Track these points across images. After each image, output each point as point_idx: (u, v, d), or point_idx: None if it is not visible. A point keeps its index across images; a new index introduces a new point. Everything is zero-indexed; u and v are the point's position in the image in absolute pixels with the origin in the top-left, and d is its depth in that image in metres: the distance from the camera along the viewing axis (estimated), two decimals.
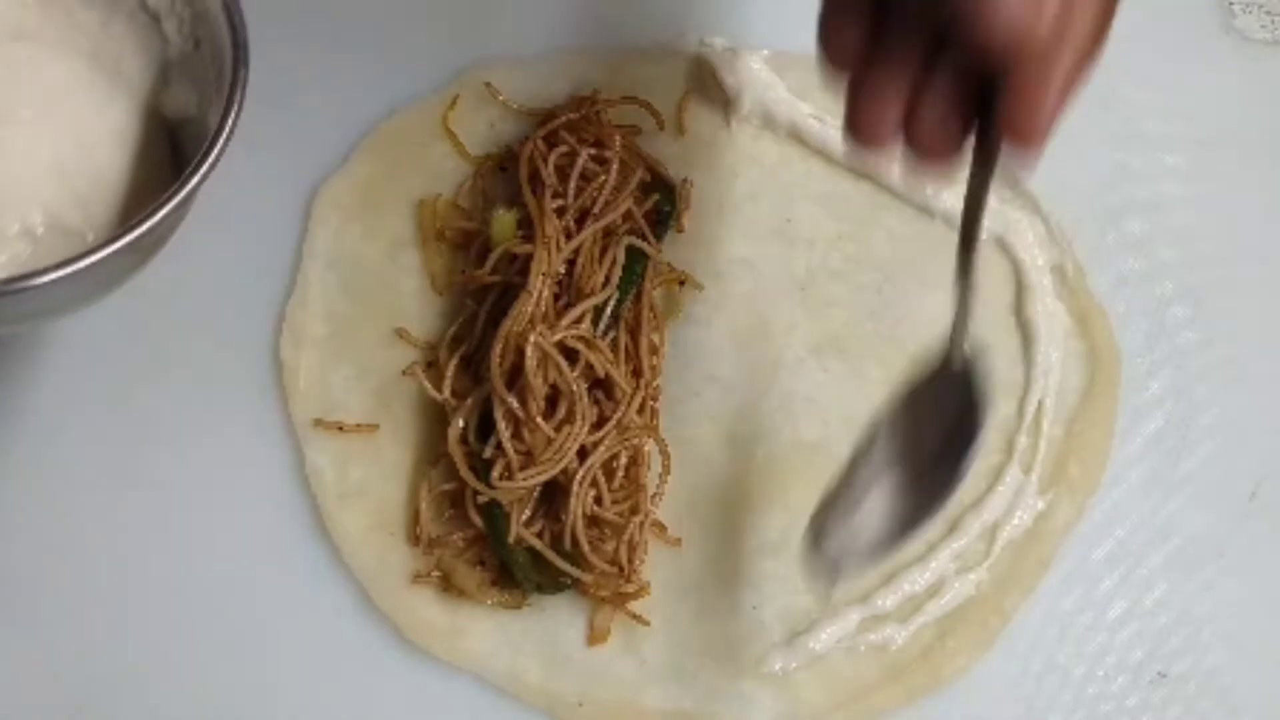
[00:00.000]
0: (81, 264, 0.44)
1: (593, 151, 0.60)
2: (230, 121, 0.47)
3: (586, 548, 0.56)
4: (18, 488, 0.57)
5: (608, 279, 0.58)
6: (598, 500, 0.56)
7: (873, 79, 0.45)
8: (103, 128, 0.50)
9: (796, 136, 0.64)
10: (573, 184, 0.59)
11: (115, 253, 0.45)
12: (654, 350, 0.59)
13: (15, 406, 0.58)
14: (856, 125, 0.45)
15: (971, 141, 0.45)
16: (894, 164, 0.46)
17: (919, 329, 0.61)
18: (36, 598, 0.56)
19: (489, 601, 0.56)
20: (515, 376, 0.56)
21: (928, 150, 0.45)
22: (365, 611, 0.56)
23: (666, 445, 0.58)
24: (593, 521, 0.56)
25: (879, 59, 0.45)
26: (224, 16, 0.49)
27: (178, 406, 0.59)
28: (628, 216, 0.60)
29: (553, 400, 0.56)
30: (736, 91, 0.64)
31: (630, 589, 0.56)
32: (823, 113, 0.63)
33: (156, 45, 0.52)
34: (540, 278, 0.57)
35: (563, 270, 0.58)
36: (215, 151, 0.47)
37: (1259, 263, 0.64)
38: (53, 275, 0.44)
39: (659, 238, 0.61)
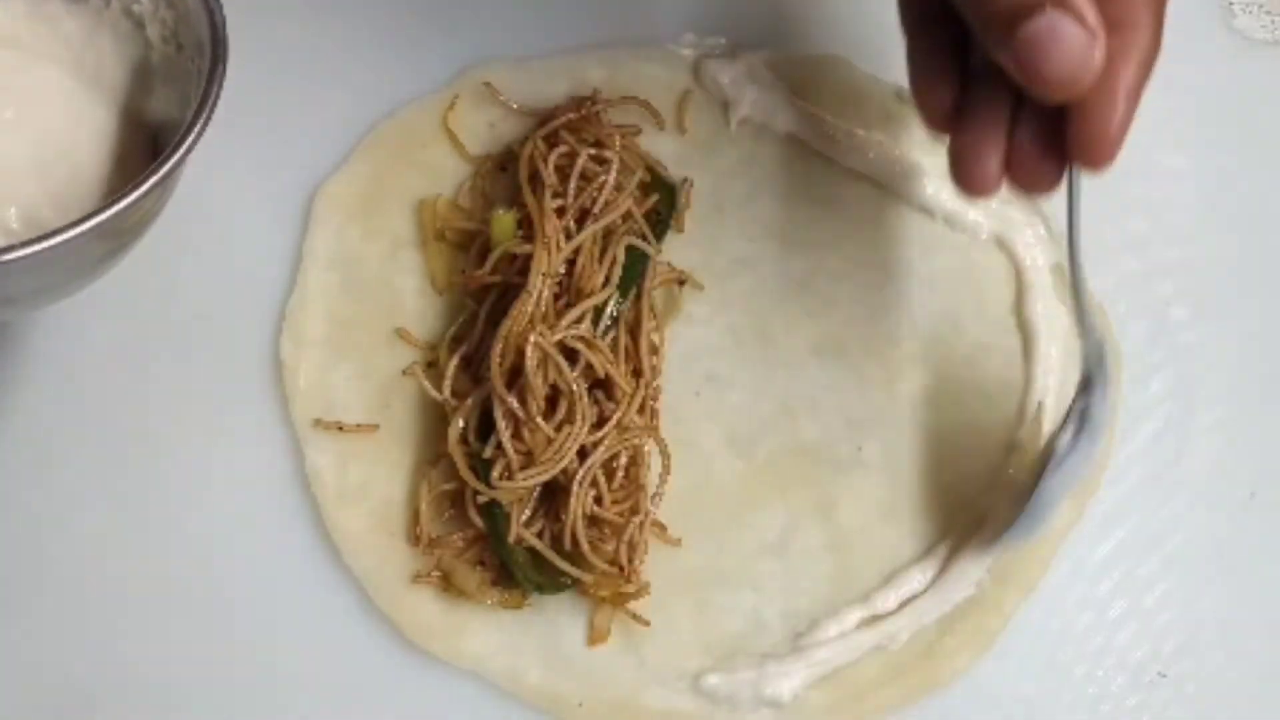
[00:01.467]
0: (47, 243, 0.44)
1: (593, 151, 0.60)
2: (206, 113, 0.47)
3: (586, 548, 0.56)
4: (18, 489, 0.57)
5: (608, 279, 0.58)
6: (598, 500, 0.56)
7: (969, 136, 0.48)
8: (83, 132, 0.51)
9: (796, 136, 0.64)
10: (573, 184, 0.59)
11: (84, 236, 0.45)
12: (654, 350, 0.59)
13: (15, 407, 0.58)
14: (963, 182, 0.49)
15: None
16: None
17: (919, 329, 0.61)
18: (37, 598, 0.56)
19: (489, 601, 0.56)
20: (515, 376, 0.56)
21: (1031, 189, 0.49)
22: (365, 612, 0.56)
23: (666, 445, 0.58)
24: (593, 521, 0.56)
25: (971, 116, 0.49)
26: (205, 16, 0.49)
27: (177, 406, 0.59)
28: (628, 216, 0.60)
29: (553, 400, 0.56)
30: (736, 91, 0.64)
31: (630, 589, 0.56)
32: (822, 112, 0.64)
33: (140, 52, 0.52)
34: (540, 278, 0.57)
35: (563, 270, 0.58)
36: (189, 140, 0.47)
37: (1259, 263, 0.64)
38: (16, 254, 0.44)
39: (659, 238, 0.61)
